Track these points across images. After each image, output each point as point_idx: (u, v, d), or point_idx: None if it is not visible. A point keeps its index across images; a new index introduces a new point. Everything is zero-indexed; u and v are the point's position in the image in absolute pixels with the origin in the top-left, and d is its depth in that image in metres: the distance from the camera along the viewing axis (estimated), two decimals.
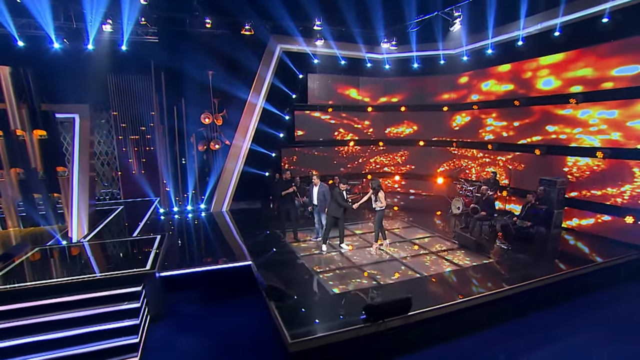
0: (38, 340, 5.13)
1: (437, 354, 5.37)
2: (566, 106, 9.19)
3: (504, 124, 11.23)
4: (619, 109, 8.21)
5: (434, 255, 7.73)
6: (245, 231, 9.54)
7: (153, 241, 7.94)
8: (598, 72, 8.55)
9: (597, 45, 8.41)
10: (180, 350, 5.50)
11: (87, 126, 11.29)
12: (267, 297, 5.50)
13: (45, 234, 10.18)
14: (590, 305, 6.76)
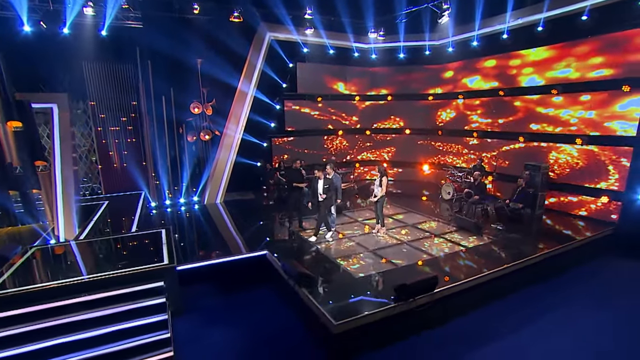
0: (72, 340, 5.00)
1: (455, 327, 5.84)
2: (548, 96, 9.94)
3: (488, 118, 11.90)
4: (597, 99, 9.05)
5: (438, 238, 8.21)
6: (248, 222, 9.56)
7: (159, 235, 7.77)
8: (577, 65, 9.32)
9: (576, 41, 9.14)
10: (210, 343, 5.55)
11: (67, 117, 10.65)
12: (298, 284, 5.65)
13: (27, 233, 9.57)
14: (576, 276, 7.56)
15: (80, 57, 12.01)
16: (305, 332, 5.72)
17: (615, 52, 8.57)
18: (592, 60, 9.03)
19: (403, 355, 5.20)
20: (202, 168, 11.63)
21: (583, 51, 9.17)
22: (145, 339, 5.24)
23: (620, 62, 8.50)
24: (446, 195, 11.25)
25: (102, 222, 9.90)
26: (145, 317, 5.46)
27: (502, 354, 5.20)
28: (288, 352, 5.30)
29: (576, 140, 9.35)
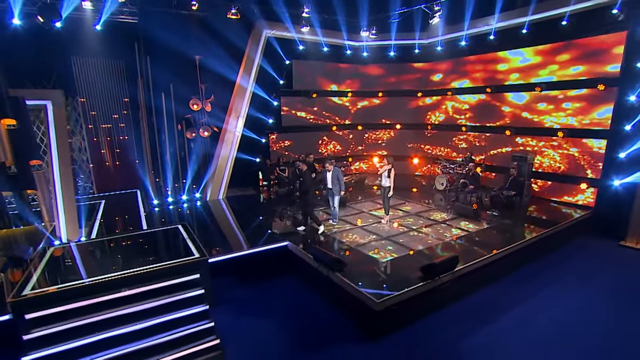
0: (123, 332, 5.16)
1: (470, 302, 6.51)
2: (532, 93, 10.90)
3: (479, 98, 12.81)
4: (577, 108, 10.10)
5: (442, 224, 8.88)
6: (257, 216, 9.83)
7: (178, 231, 7.89)
8: (559, 65, 10.31)
9: (558, 43, 10.11)
10: (251, 331, 5.87)
11: (63, 114, 10.39)
12: (332, 269, 6.05)
13: (24, 235, 9.33)
14: (564, 255, 8.52)
15: (71, 52, 11.66)
16: (339, 314, 6.16)
17: (591, 54, 9.57)
18: (571, 61, 10.02)
19: (431, 329, 5.78)
20: (203, 164, 11.68)
21: (563, 52, 10.14)
22: (190, 329, 5.47)
23: (596, 64, 9.52)
24: (440, 186, 12.01)
25: (107, 221, 9.77)
26: (186, 308, 5.67)
27: (512, 323, 5.92)
28: (328, 333, 5.72)
29: (558, 134, 10.34)
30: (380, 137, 15.47)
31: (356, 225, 8.90)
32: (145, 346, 5.18)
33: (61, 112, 10.35)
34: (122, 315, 5.37)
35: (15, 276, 6.74)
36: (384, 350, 5.33)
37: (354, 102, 15.07)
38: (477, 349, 5.30)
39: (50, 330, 5.01)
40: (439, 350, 5.32)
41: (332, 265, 6.09)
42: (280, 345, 5.56)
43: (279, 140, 13.49)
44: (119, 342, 5.12)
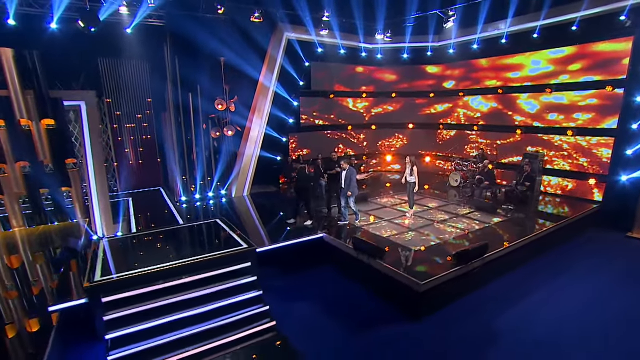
0: (188, 315, 5.64)
1: (495, 287, 7.11)
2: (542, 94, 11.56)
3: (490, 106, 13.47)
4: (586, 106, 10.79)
5: (463, 218, 9.49)
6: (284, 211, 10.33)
7: (217, 224, 8.40)
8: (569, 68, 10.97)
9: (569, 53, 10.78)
10: (300, 315, 6.38)
11: (96, 114, 10.86)
12: (373, 257, 6.61)
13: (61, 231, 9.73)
14: (576, 245, 9.17)
15: (98, 55, 12.09)
16: (380, 299, 6.72)
17: (599, 58, 10.24)
18: (582, 70, 10.72)
19: (465, 310, 6.40)
20: (227, 162, 12.15)
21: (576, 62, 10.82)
22: (247, 312, 6.01)
23: (603, 67, 10.19)
24: (454, 183, 12.63)
25: (143, 216, 10.24)
26: (242, 294, 6.20)
27: (535, 305, 6.54)
28: (372, 316, 6.29)
29: (567, 132, 11.01)
30: (394, 144, 16.14)
31: (382, 219, 9.47)
32: (209, 328, 5.69)
33: (94, 112, 10.82)
34: (186, 300, 5.89)
35: (72, 265, 7.26)
36: (426, 328, 5.91)
37: (368, 110, 15.82)
38: (506, 327, 5.90)
39: (125, 312, 5.51)
40: (473, 328, 5.91)
41: (374, 253, 6.64)
42: (330, 327, 6.11)
43: (299, 143, 14.08)
44: (185, 324, 5.64)
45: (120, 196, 12.34)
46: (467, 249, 6.54)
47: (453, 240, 7.99)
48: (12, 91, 9.28)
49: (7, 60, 9.07)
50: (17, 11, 9.63)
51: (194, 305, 5.85)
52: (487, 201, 10.63)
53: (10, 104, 9.33)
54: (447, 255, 6.91)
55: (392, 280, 6.37)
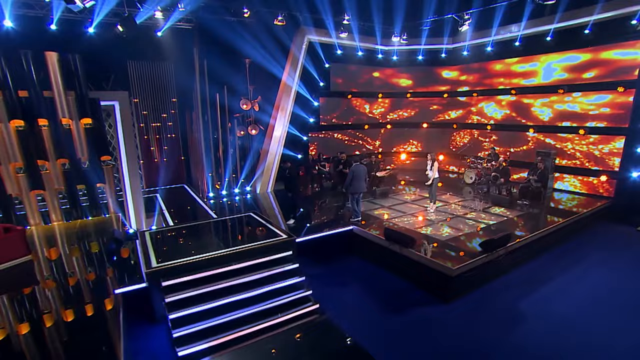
0: (239, 299, 6.19)
1: (517, 274, 7.67)
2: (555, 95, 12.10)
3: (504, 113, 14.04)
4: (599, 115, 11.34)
5: (482, 212, 10.03)
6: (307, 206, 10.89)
7: (251, 217, 8.95)
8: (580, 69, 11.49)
9: (581, 49, 11.30)
10: (338, 300, 6.91)
11: (128, 113, 11.43)
12: (405, 245, 7.16)
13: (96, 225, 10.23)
14: (589, 238, 9.69)
15: (128, 57, 12.64)
16: (410, 284, 7.26)
17: (614, 66, 10.76)
18: (595, 71, 11.23)
19: (491, 293, 6.94)
20: (251, 160, 12.71)
21: (586, 57, 11.32)
22: (292, 296, 6.54)
23: (615, 68, 10.71)
24: (468, 180, 13.17)
25: (176, 210, 10.78)
26: (287, 279, 6.74)
27: (554, 290, 7.07)
28: (405, 299, 6.84)
29: (579, 131, 11.53)
30: (408, 149, 16.77)
31: (405, 213, 10.01)
32: (258, 310, 6.23)
33: (127, 111, 11.39)
34: (236, 285, 6.43)
35: (123, 254, 7.82)
36: (456, 309, 6.46)
37: (384, 115, 16.54)
38: (529, 309, 6.44)
39: (182, 295, 6.06)
40: (498, 310, 6.45)
41: (405, 242, 7.19)
42: (366, 309, 6.66)
43: (320, 146, 14.74)
44: (236, 307, 6.17)
45: (148, 192, 12.90)
46: (492, 238, 7.07)
47: (475, 231, 8.52)
48: (55, 92, 9.86)
49: (52, 63, 9.64)
50: (60, 17, 10.15)
51: (243, 289, 6.39)
52: (506, 195, 11.15)
53: (54, 104, 9.91)
54: (471, 245, 7.44)
55: (422, 266, 6.91)
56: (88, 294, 6.14)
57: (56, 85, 9.81)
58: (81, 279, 6.65)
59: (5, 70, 9.17)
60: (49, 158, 10.14)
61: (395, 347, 5.52)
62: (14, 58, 9.28)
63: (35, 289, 6.34)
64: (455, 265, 6.58)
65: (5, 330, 5.02)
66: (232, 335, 5.77)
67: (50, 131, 10.00)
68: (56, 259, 7.71)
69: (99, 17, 9.92)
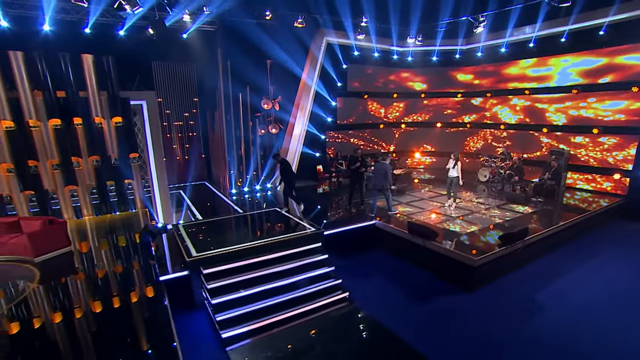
0: (275, 286, 6.63)
1: (534, 267, 8.03)
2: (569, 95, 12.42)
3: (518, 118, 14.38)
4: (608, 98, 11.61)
5: (498, 208, 10.40)
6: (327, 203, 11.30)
7: (277, 212, 9.40)
8: (595, 69, 11.79)
9: (594, 50, 11.61)
10: (364, 289, 7.31)
11: (156, 112, 11.91)
12: (428, 238, 7.56)
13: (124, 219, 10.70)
14: (603, 234, 10.00)
15: (152, 58, 13.15)
16: (433, 275, 7.66)
17: (630, 72, 11.06)
18: (608, 70, 11.53)
19: (510, 284, 7.32)
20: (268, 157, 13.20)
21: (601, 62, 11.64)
22: (324, 284, 6.96)
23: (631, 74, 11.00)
24: (482, 178, 13.52)
25: (203, 206, 11.26)
26: (317, 269, 7.16)
27: (570, 283, 7.43)
28: (429, 289, 7.24)
29: (593, 130, 11.85)
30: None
31: (424, 209, 10.40)
32: (291, 297, 6.66)
33: (154, 110, 11.89)
34: (271, 274, 6.87)
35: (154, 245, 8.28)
36: (478, 298, 6.85)
37: (398, 120, 16.93)
38: (546, 299, 6.81)
39: (222, 282, 6.51)
40: (518, 299, 6.83)
41: (428, 235, 7.59)
42: (392, 297, 7.07)
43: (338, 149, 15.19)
44: (272, 294, 6.60)
45: (171, 189, 13.38)
46: (511, 231, 7.45)
47: (491, 226, 8.90)
48: (90, 92, 10.38)
49: (87, 65, 10.16)
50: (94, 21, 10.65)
51: (276, 278, 6.83)
52: (521, 193, 11.49)
53: (88, 103, 10.43)
54: (487, 239, 7.82)
55: (445, 257, 7.32)
56: (135, 282, 6.63)
57: (90, 85, 10.32)
58: (127, 268, 7.13)
59: (46, 71, 9.71)
60: (82, 155, 10.67)
61: (423, 333, 5.91)
62: (53, 60, 9.81)
63: (86, 277, 6.83)
64: (478, 256, 6.97)
65: (60, 315, 5.50)
66: (269, 320, 6.20)
67: (84, 129, 10.54)
68: (97, 250, 8.22)
69: (131, 21, 10.41)
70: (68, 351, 4.70)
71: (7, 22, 9.16)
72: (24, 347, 4.71)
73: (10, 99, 9.47)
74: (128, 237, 8.95)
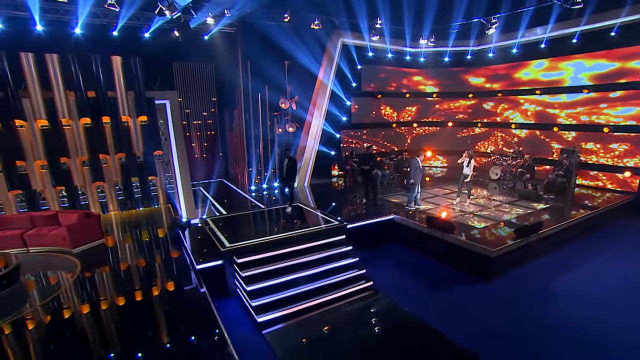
0: (306, 274, 7.09)
1: (547, 260, 8.43)
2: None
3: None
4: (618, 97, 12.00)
5: (510, 204, 10.81)
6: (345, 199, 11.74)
7: (299, 207, 9.86)
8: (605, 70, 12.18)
9: (606, 51, 11.99)
10: (386, 279, 7.74)
11: (178, 111, 12.41)
12: (446, 231, 8.00)
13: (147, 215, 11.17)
14: (613, 230, 10.38)
15: (173, 59, 13.66)
16: (450, 266, 8.10)
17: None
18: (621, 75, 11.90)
19: (524, 275, 7.74)
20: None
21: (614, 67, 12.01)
22: (350, 274, 7.42)
23: None
24: (494, 176, 13.92)
25: (222, 201, 11.76)
26: (343, 259, 7.62)
27: (582, 275, 7.83)
28: (447, 279, 7.68)
29: (604, 129, 12.23)
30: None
31: (438, 205, 10.84)
32: (320, 285, 7.12)
33: (177, 109, 12.39)
34: (300, 263, 7.33)
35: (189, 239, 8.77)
36: (495, 287, 7.29)
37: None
38: (560, 288, 7.24)
39: (255, 271, 6.98)
40: (533, 288, 7.26)
41: (446, 228, 8.03)
42: (412, 286, 7.53)
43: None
44: (301, 282, 7.06)
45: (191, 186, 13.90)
46: (525, 225, 7.87)
47: (505, 221, 9.32)
48: (118, 92, 10.90)
49: (117, 66, 10.68)
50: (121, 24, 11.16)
51: (305, 268, 7.29)
52: (532, 190, 11.88)
53: (117, 103, 10.95)
54: (499, 232, 8.25)
55: (463, 250, 7.75)
56: (172, 271, 7.13)
57: (119, 85, 10.85)
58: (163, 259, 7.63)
59: (78, 73, 10.24)
60: (110, 152, 11.20)
61: (446, 317, 6.35)
62: (85, 62, 10.34)
63: (132, 266, 7.34)
64: (494, 247, 7.41)
65: (106, 301, 5.99)
66: (300, 306, 6.66)
67: (112, 128, 11.06)
68: (130, 242, 8.75)
69: (158, 24, 10.92)
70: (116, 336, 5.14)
71: (43, 26, 9.69)
72: (78, 331, 5.19)
73: (45, 99, 10.02)
74: (157, 231, 9.47)
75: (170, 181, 12.79)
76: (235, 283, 7.19)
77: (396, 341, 5.77)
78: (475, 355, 5.27)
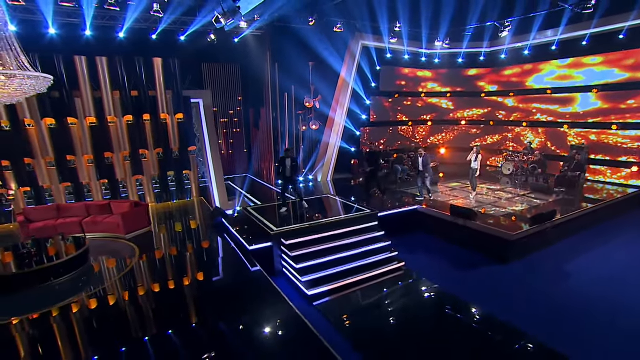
0: (341, 256, 8.01)
1: (560, 246, 9.35)
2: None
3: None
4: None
5: (523, 197, 11.76)
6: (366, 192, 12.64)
7: (329, 198, 10.81)
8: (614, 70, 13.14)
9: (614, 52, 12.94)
10: (414, 261, 8.67)
11: (211, 109, 13.38)
12: (469, 218, 8.95)
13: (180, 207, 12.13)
14: (622, 220, 11.30)
15: (202, 60, 14.61)
16: (471, 251, 9.03)
17: None
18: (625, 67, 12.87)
19: (540, 259, 8.67)
20: (312, 152, 14.61)
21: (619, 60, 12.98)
22: (383, 255, 8.35)
23: None
24: (506, 171, 14.86)
25: (254, 193, 12.72)
26: (377, 242, 8.56)
27: (593, 259, 8.73)
28: (469, 262, 8.62)
29: (612, 127, 13.18)
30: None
31: (454, 197, 11.79)
32: (358, 265, 8.05)
33: (210, 107, 13.36)
34: (340, 245, 8.26)
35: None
36: (513, 269, 8.23)
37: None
38: (573, 270, 8.15)
39: (301, 252, 7.91)
40: (548, 270, 8.18)
41: (468, 215, 8.98)
42: (440, 267, 8.48)
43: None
44: (342, 262, 7.99)
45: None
46: (541, 212, 8.81)
47: (522, 209, 10.26)
48: (158, 91, 11.87)
49: (157, 67, 11.65)
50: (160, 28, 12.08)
51: (344, 250, 8.22)
52: (544, 184, 12.81)
53: (156, 102, 11.92)
54: (520, 220, 9.19)
55: (483, 234, 8.71)
56: (225, 253, 8.09)
57: (159, 85, 11.83)
58: (211, 243, 8.58)
59: (124, 73, 11.21)
60: (149, 148, 12.16)
61: (472, 293, 7.26)
62: (130, 63, 11.30)
63: (194, 250, 8.31)
64: (513, 231, 8.37)
65: (172, 283, 6.96)
66: (342, 282, 7.57)
67: (151, 124, 12.03)
68: (181, 231, 9.74)
69: (194, 28, 11.88)
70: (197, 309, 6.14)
71: (92, 31, 10.64)
72: (163, 304, 6.21)
73: (95, 99, 10.99)
74: (201, 219, 10.44)
75: (202, 175, 13.75)
76: (282, 263, 8.12)
77: (431, 309, 6.75)
78: (494, 317, 6.19)
